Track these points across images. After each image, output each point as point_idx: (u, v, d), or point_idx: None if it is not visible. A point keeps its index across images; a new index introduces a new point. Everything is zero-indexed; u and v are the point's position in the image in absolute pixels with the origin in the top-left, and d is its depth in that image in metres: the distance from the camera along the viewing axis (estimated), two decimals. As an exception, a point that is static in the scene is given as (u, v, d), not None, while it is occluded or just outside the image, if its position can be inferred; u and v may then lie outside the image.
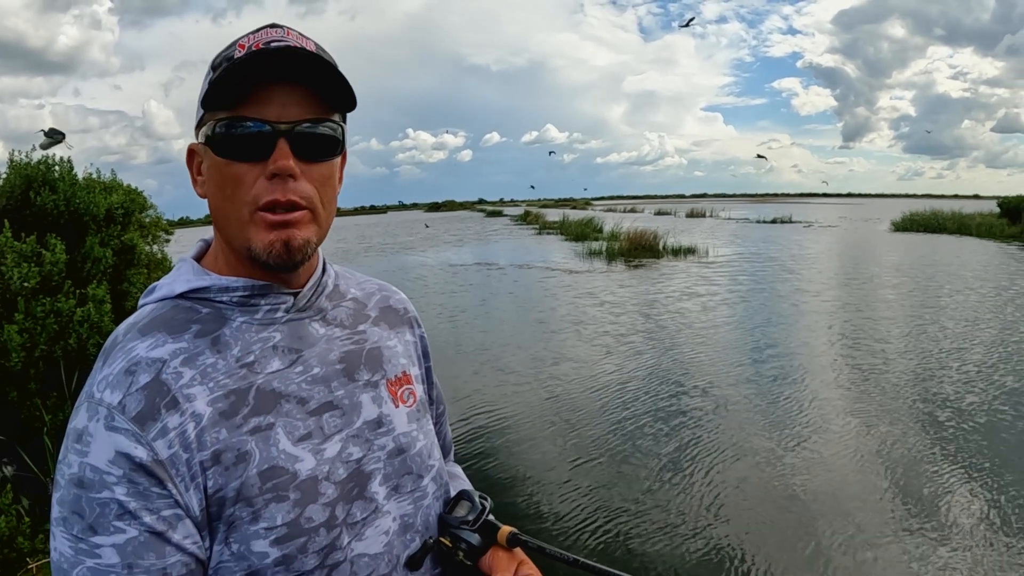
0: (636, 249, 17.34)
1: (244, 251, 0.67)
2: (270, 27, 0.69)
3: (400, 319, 0.86)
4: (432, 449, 0.81)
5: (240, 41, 0.67)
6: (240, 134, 0.64)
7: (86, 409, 0.62)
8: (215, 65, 0.67)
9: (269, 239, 0.65)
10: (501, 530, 0.78)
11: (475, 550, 0.76)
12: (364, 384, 0.75)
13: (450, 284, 13.09)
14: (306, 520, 0.65)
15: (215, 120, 0.65)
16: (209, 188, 0.68)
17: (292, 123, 0.65)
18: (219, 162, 0.66)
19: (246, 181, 0.65)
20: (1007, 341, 7.05)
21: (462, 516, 0.78)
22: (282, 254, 0.66)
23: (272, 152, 0.64)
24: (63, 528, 0.59)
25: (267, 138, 0.64)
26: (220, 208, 0.67)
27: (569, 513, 3.60)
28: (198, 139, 0.69)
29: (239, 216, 0.66)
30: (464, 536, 0.76)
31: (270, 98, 0.64)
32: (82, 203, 3.92)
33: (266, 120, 0.64)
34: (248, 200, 0.65)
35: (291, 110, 0.65)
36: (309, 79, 0.66)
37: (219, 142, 0.65)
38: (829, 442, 4.48)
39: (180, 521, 0.61)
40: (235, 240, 0.68)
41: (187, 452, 0.61)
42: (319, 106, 0.67)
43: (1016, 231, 20.73)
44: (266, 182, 0.65)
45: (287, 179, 0.65)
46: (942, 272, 12.93)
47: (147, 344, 0.65)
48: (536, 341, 7.78)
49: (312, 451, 0.67)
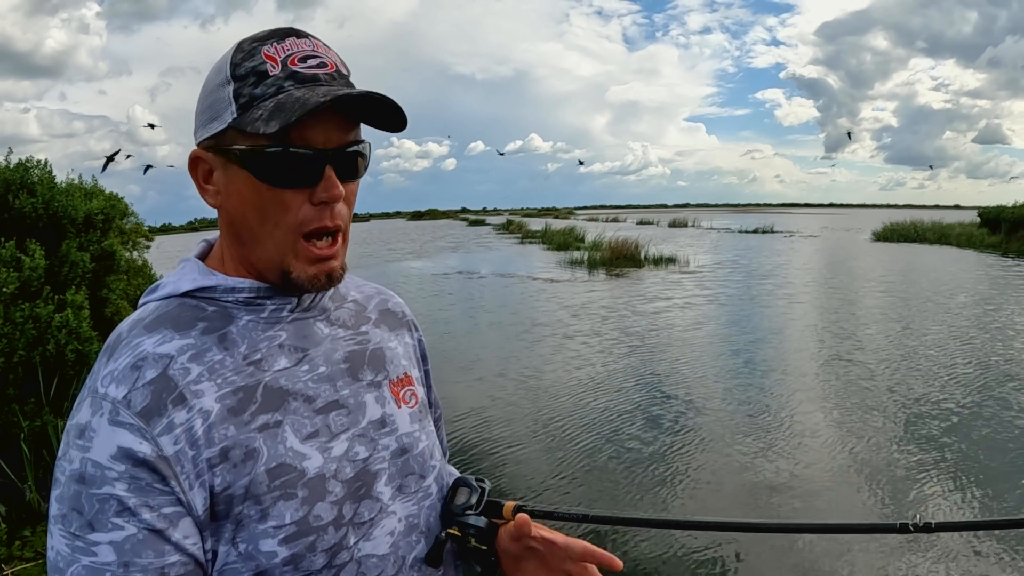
0: (618, 259, 17.45)
1: (277, 271, 0.68)
2: (294, 35, 0.67)
3: (399, 322, 0.86)
4: (434, 450, 0.81)
5: (266, 50, 0.65)
6: (289, 163, 0.64)
7: (89, 404, 0.61)
8: (239, 76, 0.65)
9: (314, 272, 0.67)
10: (506, 506, 0.78)
11: (484, 533, 0.76)
12: (368, 384, 0.75)
13: (431, 292, 13.06)
14: (314, 518, 0.65)
15: (257, 144, 0.64)
16: (235, 204, 0.67)
17: (337, 148, 0.66)
18: (259, 185, 0.65)
19: (292, 207, 0.65)
20: (983, 347, 7.20)
21: (464, 502, 0.77)
22: (325, 284, 0.69)
23: (320, 179, 0.65)
24: (61, 525, 0.58)
25: (316, 165, 0.65)
26: (254, 229, 0.67)
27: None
28: (205, 147, 0.68)
29: (279, 240, 0.66)
30: (471, 522, 0.76)
31: (315, 124, 0.64)
32: (61, 207, 3.87)
33: (314, 147, 0.64)
34: (293, 225, 0.65)
35: (334, 135, 0.66)
36: (360, 114, 0.67)
37: (263, 168, 0.64)
38: (805, 444, 4.53)
39: (181, 519, 0.60)
40: (267, 259, 0.68)
41: (194, 449, 0.61)
42: (354, 126, 0.68)
43: (996, 241, 21.10)
44: (311, 208, 0.66)
45: (333, 204, 0.66)
46: (921, 280, 13.17)
47: (154, 340, 0.64)
48: (515, 348, 7.78)
49: (319, 449, 0.67)
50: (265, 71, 0.64)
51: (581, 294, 12.16)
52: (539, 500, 3.84)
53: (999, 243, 20.77)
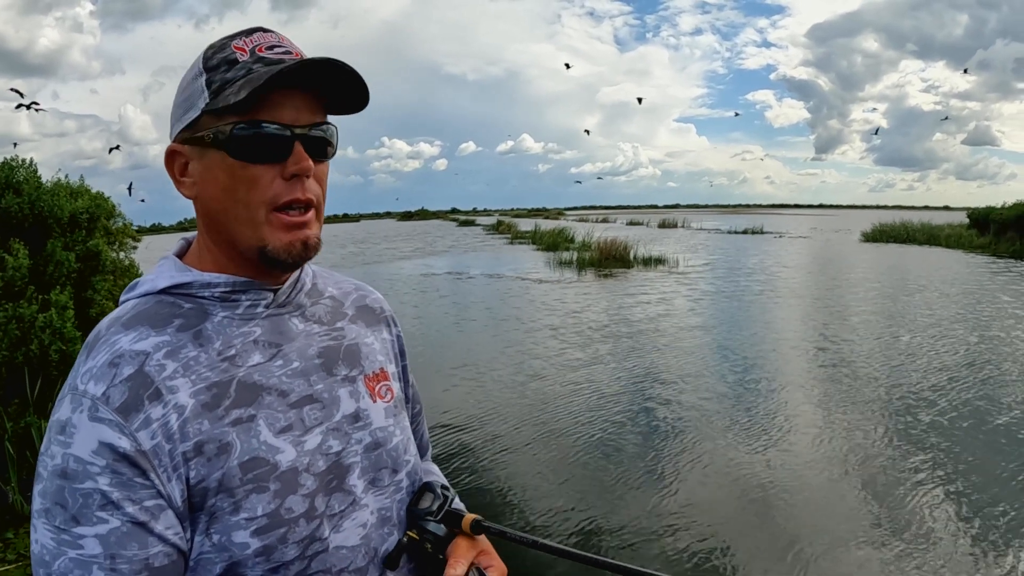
0: (607, 259, 17.50)
1: (254, 249, 0.69)
2: (261, 31, 0.71)
3: (377, 318, 0.88)
4: (408, 445, 0.82)
5: (235, 43, 0.69)
6: (259, 137, 0.66)
7: (70, 401, 0.63)
8: (211, 67, 0.68)
9: (288, 239, 0.69)
10: (465, 518, 0.78)
11: (441, 541, 0.77)
12: (342, 379, 0.76)
13: (420, 292, 13.05)
14: (286, 511, 0.66)
15: (231, 123, 0.66)
16: (210, 190, 0.69)
17: (306, 126, 0.69)
18: (232, 164, 0.67)
19: (262, 182, 0.68)
20: (971, 346, 7.29)
21: (426, 507, 0.78)
22: (301, 252, 0.70)
23: (290, 154, 0.68)
24: (45, 520, 0.60)
25: (286, 141, 0.68)
26: (227, 209, 0.69)
27: (543, 513, 3.62)
28: (181, 141, 0.70)
29: (253, 216, 0.68)
30: (430, 528, 0.77)
31: (283, 102, 0.67)
32: (46, 206, 3.84)
33: (284, 123, 0.67)
34: (265, 200, 0.68)
35: (303, 114, 0.69)
36: (323, 87, 0.70)
37: (235, 144, 0.67)
38: (797, 444, 4.57)
39: (163, 511, 0.61)
40: (243, 239, 0.69)
41: (170, 443, 0.62)
42: (322, 109, 0.71)
43: (984, 242, 21.31)
44: (283, 182, 0.68)
45: (304, 179, 0.69)
46: (909, 280, 13.30)
47: (131, 337, 0.66)
48: (509, 349, 7.80)
49: (293, 443, 0.69)
50: (235, 59, 0.68)
51: (569, 294, 12.19)
52: (528, 497, 3.86)
53: (988, 244, 20.99)
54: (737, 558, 3.20)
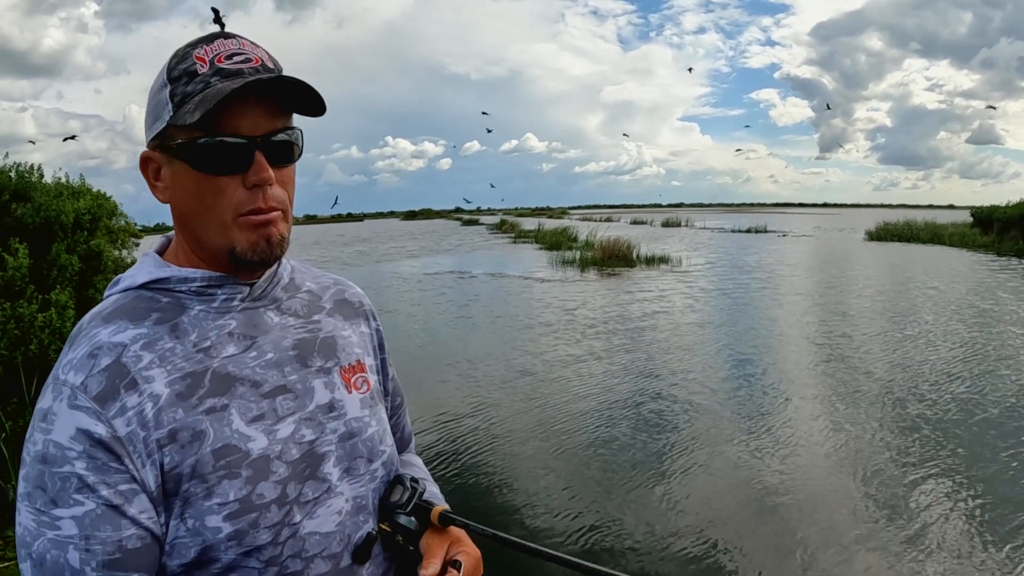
0: (610, 258, 17.48)
1: (225, 251, 0.72)
2: (222, 37, 0.72)
3: (355, 312, 0.90)
4: (384, 435, 0.84)
5: (196, 52, 0.70)
6: (219, 150, 0.69)
7: (51, 390, 0.66)
8: (174, 78, 0.70)
9: (253, 239, 0.71)
10: (433, 510, 0.80)
11: (412, 534, 0.78)
12: (317, 370, 0.79)
13: (423, 292, 13.08)
14: (257, 496, 0.68)
15: (191, 137, 0.69)
16: (180, 196, 0.72)
17: (265, 135, 0.70)
18: (197, 175, 0.70)
19: (227, 192, 0.70)
20: (976, 345, 7.28)
21: (396, 500, 0.79)
22: (266, 250, 0.72)
23: (251, 164, 0.70)
24: (27, 503, 0.63)
25: (245, 151, 0.70)
26: (197, 214, 0.72)
27: (545, 512, 3.63)
28: (152, 147, 0.73)
29: (221, 221, 0.71)
30: (400, 521, 0.78)
31: (243, 112, 0.69)
32: (52, 212, 3.88)
33: (243, 135, 0.69)
34: (230, 207, 0.70)
35: (262, 122, 0.70)
36: (282, 97, 0.72)
37: (197, 157, 0.69)
38: (802, 444, 4.57)
39: (136, 496, 0.64)
40: (214, 241, 0.72)
41: (144, 430, 0.65)
42: (282, 114, 0.73)
43: (988, 241, 21.28)
44: (246, 191, 0.70)
45: (266, 187, 0.71)
46: (913, 278, 13.27)
47: (110, 330, 0.69)
48: (509, 347, 7.82)
49: (265, 431, 0.71)
50: (195, 71, 0.69)
51: (572, 293, 12.20)
52: (527, 492, 3.88)
53: (991, 243, 20.96)
54: (737, 558, 3.19)
